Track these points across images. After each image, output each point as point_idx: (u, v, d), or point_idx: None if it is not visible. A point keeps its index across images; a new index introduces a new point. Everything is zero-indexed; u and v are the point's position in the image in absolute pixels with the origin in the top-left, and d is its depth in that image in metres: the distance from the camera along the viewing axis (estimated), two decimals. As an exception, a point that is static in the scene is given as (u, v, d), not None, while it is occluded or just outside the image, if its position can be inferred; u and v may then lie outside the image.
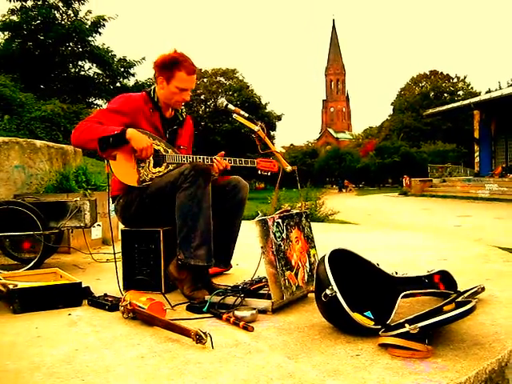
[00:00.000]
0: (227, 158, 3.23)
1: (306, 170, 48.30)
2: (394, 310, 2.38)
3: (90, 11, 25.70)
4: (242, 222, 3.60)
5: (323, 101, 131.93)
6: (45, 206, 3.92)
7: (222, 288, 2.91)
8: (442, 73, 71.15)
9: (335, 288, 2.19)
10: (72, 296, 2.90)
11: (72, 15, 25.67)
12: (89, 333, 2.39)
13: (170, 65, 3.15)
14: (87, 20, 25.60)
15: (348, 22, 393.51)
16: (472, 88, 67.83)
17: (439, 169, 38.00)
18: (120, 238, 3.27)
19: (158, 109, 3.29)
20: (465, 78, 69.98)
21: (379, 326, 2.21)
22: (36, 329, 2.46)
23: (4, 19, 24.34)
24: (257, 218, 2.60)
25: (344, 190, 49.11)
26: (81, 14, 25.71)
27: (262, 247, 2.58)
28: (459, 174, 37.73)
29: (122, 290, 3.02)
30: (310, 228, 3.07)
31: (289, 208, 2.94)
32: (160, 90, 3.25)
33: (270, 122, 46.92)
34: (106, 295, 2.89)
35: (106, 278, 3.63)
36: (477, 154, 30.28)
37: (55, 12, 25.17)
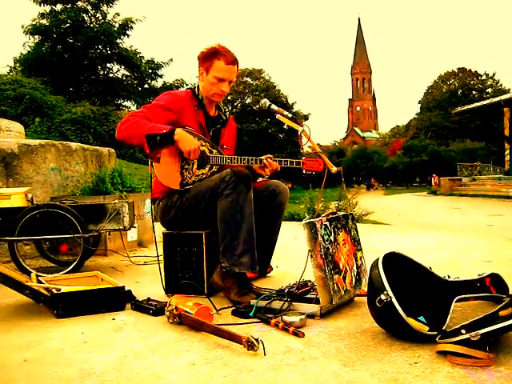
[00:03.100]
0: (276, 159, 3.17)
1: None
2: (449, 315, 2.30)
3: (117, 14, 26.11)
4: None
5: (349, 100, 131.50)
6: (84, 209, 3.91)
7: (266, 292, 2.86)
8: (470, 70, 70.32)
9: (390, 293, 2.12)
10: (115, 300, 2.86)
11: (100, 18, 26.05)
12: (135, 338, 2.34)
13: (210, 55, 3.13)
14: (115, 22, 25.98)
15: (374, 21, 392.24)
16: (501, 85, 66.96)
17: (468, 167, 37.58)
18: (156, 240, 3.23)
19: (202, 106, 3.25)
20: (494, 75, 69.18)
21: (435, 332, 2.13)
22: (82, 334, 2.42)
23: (34, 23, 24.69)
24: (304, 221, 2.53)
25: (371, 189, 48.97)
26: (109, 17, 26.15)
27: (310, 250, 2.51)
28: (489, 172, 37.26)
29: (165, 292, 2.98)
30: (357, 230, 2.99)
31: (334, 210, 2.87)
32: (201, 83, 3.23)
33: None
34: (149, 299, 2.84)
35: (145, 281, 3.60)
36: (507, 152, 29.76)
37: (84, 15, 25.53)
